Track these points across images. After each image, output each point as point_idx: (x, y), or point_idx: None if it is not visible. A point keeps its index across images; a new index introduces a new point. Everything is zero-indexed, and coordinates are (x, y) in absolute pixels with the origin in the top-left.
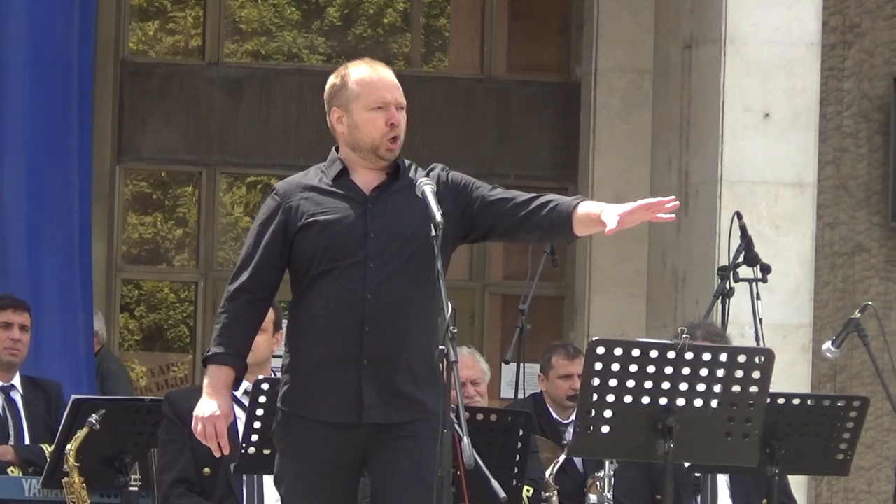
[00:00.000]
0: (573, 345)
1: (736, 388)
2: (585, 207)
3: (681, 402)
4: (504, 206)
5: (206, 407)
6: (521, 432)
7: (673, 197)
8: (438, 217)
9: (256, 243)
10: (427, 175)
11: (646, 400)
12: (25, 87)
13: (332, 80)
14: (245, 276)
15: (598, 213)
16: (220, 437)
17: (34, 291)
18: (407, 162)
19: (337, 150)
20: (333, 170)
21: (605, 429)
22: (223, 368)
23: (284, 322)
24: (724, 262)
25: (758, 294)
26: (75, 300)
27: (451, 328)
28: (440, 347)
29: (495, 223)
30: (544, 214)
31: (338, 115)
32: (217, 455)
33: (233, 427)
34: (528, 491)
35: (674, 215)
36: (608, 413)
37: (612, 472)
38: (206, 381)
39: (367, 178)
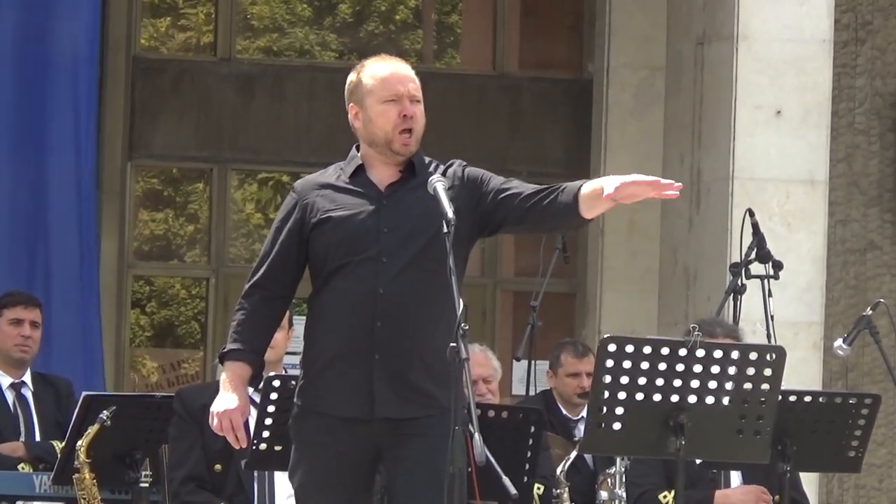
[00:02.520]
0: (582, 343)
1: (747, 386)
2: (588, 186)
3: (692, 399)
4: (515, 199)
5: (221, 401)
6: (532, 429)
7: (680, 185)
8: (450, 214)
9: (273, 241)
10: (445, 171)
11: (657, 397)
12: (33, 84)
13: (350, 77)
14: (260, 273)
15: (600, 186)
16: (236, 430)
17: (45, 288)
18: (427, 159)
19: (358, 148)
20: (351, 167)
21: (617, 426)
22: (238, 364)
23: (296, 318)
24: (735, 259)
25: (769, 291)
26: (86, 297)
27: (463, 325)
28: (451, 344)
29: (507, 215)
30: (551, 201)
31: (354, 111)
32: (236, 447)
33: (244, 424)
34: (538, 489)
35: (677, 193)
36: (619, 410)
37: (623, 469)
38: (222, 378)
39: (383, 175)
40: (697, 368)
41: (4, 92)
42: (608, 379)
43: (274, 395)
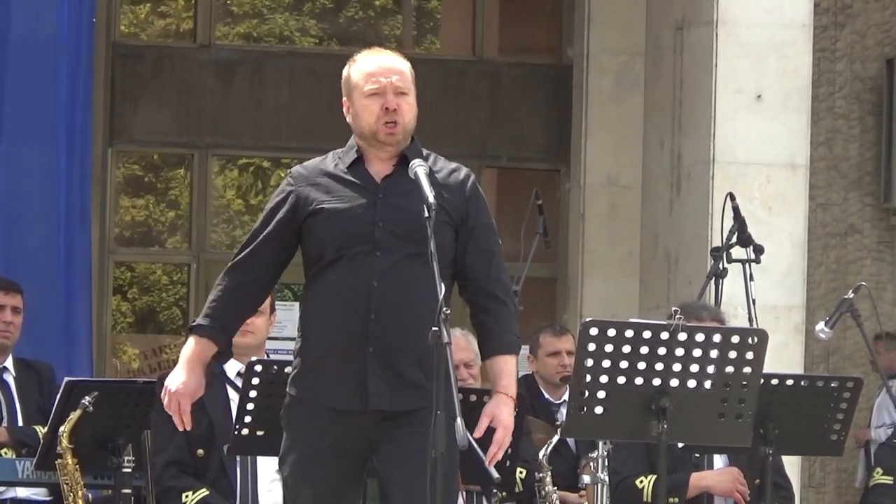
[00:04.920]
0: (560, 324)
1: (729, 369)
2: (499, 366)
3: (674, 382)
4: (475, 273)
5: (175, 379)
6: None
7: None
8: (431, 198)
9: (263, 223)
10: (452, 172)
11: (639, 381)
12: (18, 71)
13: (344, 71)
14: (244, 253)
15: (495, 391)
16: (182, 414)
17: (32, 274)
18: (426, 152)
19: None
20: (349, 157)
21: (599, 409)
22: (202, 340)
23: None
24: (716, 243)
25: (751, 275)
26: (73, 282)
27: (445, 309)
28: (433, 329)
29: (461, 275)
30: (481, 321)
31: (347, 105)
32: (180, 428)
33: (227, 408)
34: (521, 473)
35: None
36: (601, 394)
37: (605, 453)
38: (182, 352)
39: (379, 168)
40: (679, 352)
41: None
42: (590, 363)
43: (256, 381)
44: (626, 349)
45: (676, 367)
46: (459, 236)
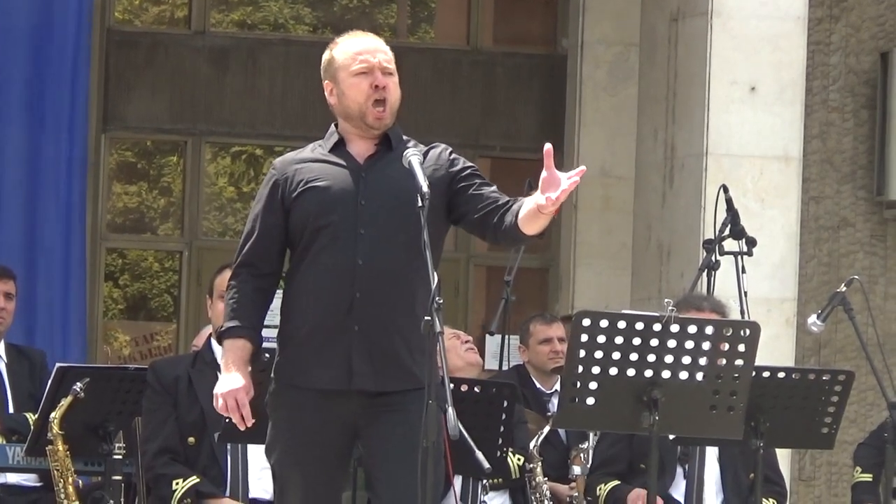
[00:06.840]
0: (551, 313)
1: (721, 361)
2: (525, 206)
3: (666, 374)
4: (479, 201)
5: (225, 382)
6: (505, 403)
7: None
8: (425, 188)
9: (254, 218)
10: (427, 152)
11: (631, 372)
12: (15, 57)
13: (324, 55)
14: (244, 251)
15: (533, 204)
16: (241, 408)
17: (26, 261)
18: (405, 137)
19: (337, 126)
20: (330, 142)
21: (590, 400)
22: (238, 341)
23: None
24: (709, 234)
25: (743, 267)
26: (66, 269)
27: (437, 299)
28: (426, 318)
29: (466, 215)
30: (500, 220)
31: (329, 87)
32: (241, 427)
33: None
34: (519, 459)
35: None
36: (593, 385)
37: (595, 445)
38: (222, 358)
39: (361, 149)
40: (672, 343)
41: None
42: (582, 353)
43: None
44: (619, 340)
45: (668, 358)
46: (453, 188)
